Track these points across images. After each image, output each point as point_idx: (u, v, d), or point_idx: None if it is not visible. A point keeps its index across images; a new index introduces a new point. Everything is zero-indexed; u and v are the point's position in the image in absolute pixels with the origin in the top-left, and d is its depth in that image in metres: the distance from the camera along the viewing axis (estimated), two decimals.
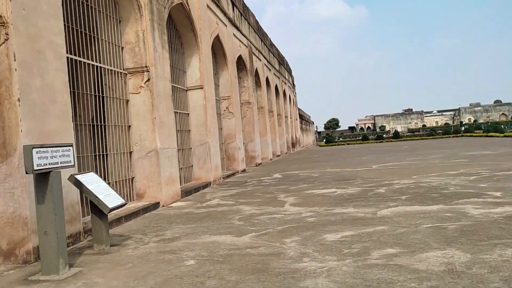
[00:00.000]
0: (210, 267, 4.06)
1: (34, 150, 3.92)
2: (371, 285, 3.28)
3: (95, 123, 7.75)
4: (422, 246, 4.23)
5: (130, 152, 8.35)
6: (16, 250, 4.71)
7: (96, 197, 4.87)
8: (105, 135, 7.95)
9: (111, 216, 6.69)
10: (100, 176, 7.58)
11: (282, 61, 34.09)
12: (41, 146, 4.03)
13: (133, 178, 8.35)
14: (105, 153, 7.93)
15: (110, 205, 4.95)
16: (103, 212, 4.92)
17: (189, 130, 11.78)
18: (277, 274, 3.70)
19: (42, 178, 4.11)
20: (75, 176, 4.92)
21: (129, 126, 8.36)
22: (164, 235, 5.69)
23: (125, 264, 4.37)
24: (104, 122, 7.93)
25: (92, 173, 5.31)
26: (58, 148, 4.29)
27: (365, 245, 4.42)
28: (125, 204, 5.37)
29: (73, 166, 4.55)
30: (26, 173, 3.92)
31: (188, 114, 11.79)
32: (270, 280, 3.56)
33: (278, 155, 27.18)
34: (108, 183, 7.69)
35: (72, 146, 4.55)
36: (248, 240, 5.03)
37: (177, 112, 10.82)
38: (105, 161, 7.96)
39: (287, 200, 8.09)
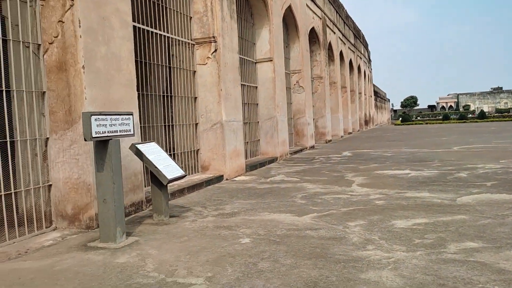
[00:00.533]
0: (265, 247, 3.83)
1: (93, 118, 3.88)
2: (445, 284, 2.83)
3: (164, 94, 7.76)
4: (510, 241, 3.64)
5: (196, 124, 8.31)
6: (80, 215, 4.82)
7: (156, 167, 4.82)
8: (172, 106, 7.96)
9: (173, 186, 6.71)
10: (167, 147, 7.65)
11: (358, 35, 32.55)
12: (100, 114, 3.99)
13: (198, 150, 8.34)
14: (172, 124, 7.96)
15: (169, 176, 4.87)
16: (162, 183, 4.86)
17: (257, 104, 11.56)
18: (336, 261, 3.37)
19: (101, 146, 4.09)
20: (136, 145, 4.89)
21: (195, 98, 8.30)
22: (224, 209, 5.56)
23: (180, 237, 4.28)
24: (172, 93, 7.93)
25: (153, 143, 5.26)
26: (117, 116, 4.23)
27: (441, 235, 3.92)
28: (185, 175, 5.28)
29: (132, 135, 4.50)
30: (85, 140, 3.90)
31: (256, 87, 11.55)
32: (328, 267, 3.24)
33: (350, 133, 26.27)
34: (174, 154, 7.75)
35: (132, 115, 4.49)
36: (309, 221, 4.72)
37: (244, 84, 10.62)
38: (172, 132, 8.00)
39: (355, 180, 7.62)
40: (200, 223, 4.83)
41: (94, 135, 3.88)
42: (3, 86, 4.49)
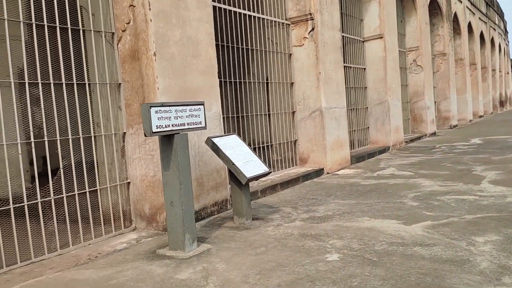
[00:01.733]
0: (356, 269, 2.97)
1: (153, 109, 3.39)
2: None
3: (259, 80, 7.17)
4: None
5: (293, 112, 7.59)
6: (157, 216, 4.46)
7: (233, 164, 4.22)
8: (268, 93, 7.34)
9: (265, 182, 6.10)
10: (263, 138, 7.06)
11: (490, 3, 28.39)
12: (162, 105, 3.49)
13: (296, 141, 7.62)
14: (268, 113, 7.35)
15: (249, 174, 4.24)
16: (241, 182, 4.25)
17: (365, 87, 10.38)
18: None
19: (166, 141, 3.61)
20: (212, 139, 4.35)
21: (292, 83, 7.56)
22: (316, 211, 4.77)
23: (257, 247, 3.63)
24: (267, 79, 7.31)
25: (234, 135, 4.68)
26: (184, 107, 3.71)
27: None
28: (269, 173, 4.60)
29: (203, 127, 3.95)
30: (145, 135, 3.44)
31: (364, 68, 10.35)
32: None
33: (480, 116, 23.07)
34: (271, 146, 7.14)
35: (202, 104, 3.93)
36: (420, 232, 3.71)
37: (350, 66, 9.54)
38: (269, 122, 7.40)
39: (486, 175, 6.19)
40: (284, 229, 4.13)
41: (154, 130, 3.39)
42: (86, 79, 4.30)
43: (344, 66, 8.75)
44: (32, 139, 3.73)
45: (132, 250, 3.84)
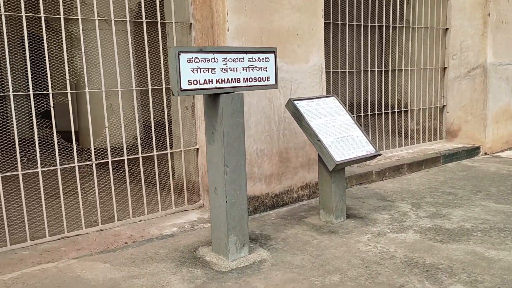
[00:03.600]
0: None
1: (183, 57, 2.30)
2: None
3: (397, 24, 5.47)
4: None
5: (443, 69, 5.69)
6: None
7: (318, 139, 2.94)
8: (408, 42, 5.59)
9: (387, 161, 4.62)
10: (402, 100, 5.47)
11: None
12: (200, 50, 2.37)
13: (443, 107, 5.76)
14: (406, 68, 5.64)
15: (339, 157, 2.92)
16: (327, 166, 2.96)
17: None
18: None
19: (211, 102, 2.53)
20: (295, 101, 3.10)
21: (446, 29, 5.61)
22: (447, 217, 3.20)
23: (330, 274, 2.39)
24: (408, 23, 5.54)
25: (332, 98, 3.34)
26: (240, 55, 2.53)
27: None
28: (376, 155, 3.17)
29: (273, 86, 2.72)
30: (172, 94, 2.39)
31: None
32: None
33: None
34: (407, 111, 5.53)
35: (273, 52, 2.69)
36: None
37: None
38: (405, 80, 5.69)
39: None
40: (385, 244, 2.75)
41: (184, 87, 2.32)
42: (158, 17, 3.46)
43: None
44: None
45: (174, 241, 2.96)
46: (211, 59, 2.40)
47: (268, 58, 2.66)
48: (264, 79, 2.66)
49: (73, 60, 4.00)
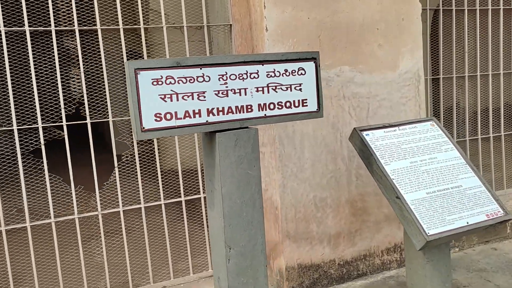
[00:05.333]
0: None
1: (146, 76, 1.40)
2: None
3: None
4: None
5: None
6: (271, 262, 2.53)
7: (397, 197, 1.80)
8: None
9: None
10: None
11: None
12: (177, 65, 1.44)
13: None
14: None
15: (434, 228, 1.73)
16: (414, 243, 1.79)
17: None
18: None
19: (208, 144, 1.59)
20: (362, 132, 1.99)
21: None
22: None
23: None
24: None
25: (428, 123, 2.14)
26: (244, 68, 1.55)
27: None
28: (506, 220, 1.89)
29: (314, 114, 1.67)
30: (136, 138, 1.51)
31: None
32: None
33: None
34: None
35: (314, 59, 1.65)
36: None
37: None
38: None
39: None
40: None
41: (148, 126, 1.42)
42: (204, 20, 2.69)
43: None
44: None
45: None
46: (197, 77, 1.47)
47: (303, 69, 1.64)
48: (296, 104, 1.64)
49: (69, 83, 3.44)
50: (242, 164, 1.55)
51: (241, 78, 1.54)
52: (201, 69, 1.47)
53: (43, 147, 2.28)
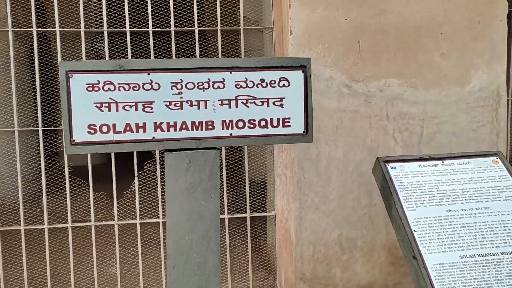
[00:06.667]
0: None
1: (79, 80, 1.20)
2: None
3: None
4: None
5: None
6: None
7: (414, 256, 1.32)
8: None
9: None
10: None
11: None
12: (119, 69, 1.21)
13: None
14: None
15: None
16: None
17: None
18: None
19: (176, 167, 1.33)
20: (386, 164, 1.54)
21: None
22: None
23: None
24: None
25: (491, 159, 1.59)
26: (206, 75, 1.25)
27: None
28: None
29: (299, 137, 1.30)
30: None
31: None
32: None
33: None
34: None
35: (304, 67, 1.28)
36: None
37: None
38: None
39: None
40: None
41: (79, 138, 1.21)
42: (242, 23, 2.51)
43: None
44: None
45: None
46: (144, 84, 1.22)
47: (286, 80, 1.28)
48: (275, 123, 1.29)
49: None
50: (196, 194, 1.26)
51: (201, 87, 1.25)
52: (149, 74, 1.22)
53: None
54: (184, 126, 1.25)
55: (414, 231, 1.37)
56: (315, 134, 1.89)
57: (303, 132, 1.30)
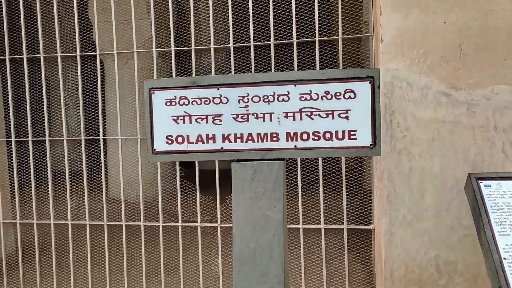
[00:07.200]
0: None
1: (160, 95, 1.34)
2: None
3: None
4: None
5: None
6: None
7: (502, 278, 1.15)
8: None
9: None
10: None
11: None
12: (193, 85, 1.31)
13: None
14: None
15: None
16: None
17: None
18: None
19: (241, 178, 1.40)
20: (479, 181, 1.37)
21: None
22: None
23: None
24: None
25: None
26: (271, 88, 1.28)
27: None
28: None
29: (366, 150, 1.24)
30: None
31: None
32: None
33: None
34: None
35: (371, 78, 1.22)
36: None
37: None
38: None
39: None
40: None
41: (159, 148, 1.35)
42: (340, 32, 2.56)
43: None
44: None
45: None
46: (213, 98, 1.32)
47: (352, 92, 1.25)
48: (340, 136, 1.26)
49: None
50: (260, 203, 1.30)
51: (266, 100, 1.29)
52: (218, 89, 1.31)
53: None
54: (250, 138, 1.31)
55: (504, 258, 1.20)
56: (407, 146, 1.77)
57: (370, 145, 1.25)
